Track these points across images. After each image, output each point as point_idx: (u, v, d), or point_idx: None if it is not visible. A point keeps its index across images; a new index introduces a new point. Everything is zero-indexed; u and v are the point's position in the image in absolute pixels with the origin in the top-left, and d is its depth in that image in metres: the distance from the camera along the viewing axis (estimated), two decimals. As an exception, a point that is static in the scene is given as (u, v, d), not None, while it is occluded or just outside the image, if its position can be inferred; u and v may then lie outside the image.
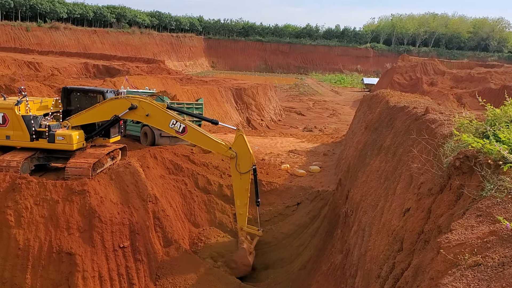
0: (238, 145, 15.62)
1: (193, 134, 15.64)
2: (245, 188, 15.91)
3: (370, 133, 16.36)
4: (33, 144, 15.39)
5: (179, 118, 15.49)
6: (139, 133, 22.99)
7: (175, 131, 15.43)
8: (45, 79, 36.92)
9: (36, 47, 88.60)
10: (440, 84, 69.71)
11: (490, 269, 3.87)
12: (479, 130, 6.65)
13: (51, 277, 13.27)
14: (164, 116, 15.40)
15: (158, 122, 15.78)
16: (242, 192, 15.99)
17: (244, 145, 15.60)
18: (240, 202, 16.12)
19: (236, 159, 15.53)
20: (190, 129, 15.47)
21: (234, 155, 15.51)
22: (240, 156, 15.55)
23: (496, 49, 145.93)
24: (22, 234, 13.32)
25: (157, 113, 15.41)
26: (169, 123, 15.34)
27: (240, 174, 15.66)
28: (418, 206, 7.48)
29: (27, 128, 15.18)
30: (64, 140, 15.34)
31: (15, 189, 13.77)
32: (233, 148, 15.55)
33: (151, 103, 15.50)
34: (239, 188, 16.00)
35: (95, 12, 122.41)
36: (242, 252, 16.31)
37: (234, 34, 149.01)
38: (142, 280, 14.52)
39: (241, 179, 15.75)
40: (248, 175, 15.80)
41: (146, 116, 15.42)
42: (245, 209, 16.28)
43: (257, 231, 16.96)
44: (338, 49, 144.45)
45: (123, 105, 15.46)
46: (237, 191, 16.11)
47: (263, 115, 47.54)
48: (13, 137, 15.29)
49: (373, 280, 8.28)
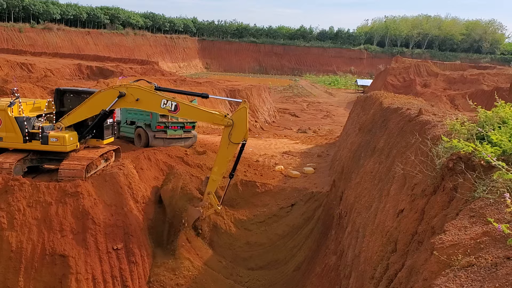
0: (239, 115, 15.40)
1: (186, 110, 15.54)
2: (228, 158, 15.79)
3: (364, 135, 16.41)
4: (26, 145, 15.27)
5: (169, 97, 15.35)
6: (133, 135, 22.92)
7: (167, 110, 15.27)
8: (38, 81, 36.74)
9: (29, 48, 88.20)
10: (433, 86, 70.09)
11: (483, 269, 3.89)
12: (471, 131, 6.69)
13: (44, 279, 13.19)
14: (154, 98, 15.24)
15: (149, 105, 15.61)
16: (223, 162, 15.82)
17: (243, 117, 15.37)
18: (218, 170, 15.92)
19: (231, 128, 15.26)
20: (182, 105, 15.29)
21: (230, 123, 15.23)
22: (236, 126, 15.25)
23: (488, 51, 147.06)
24: (15, 236, 13.23)
25: (147, 96, 15.25)
26: (160, 104, 15.15)
27: (229, 144, 15.42)
28: (411, 207, 7.52)
29: (20, 129, 15.05)
30: (58, 141, 15.22)
31: (8, 191, 13.68)
32: (232, 117, 15.36)
33: (139, 87, 15.31)
34: (222, 156, 15.80)
35: (89, 13, 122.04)
36: (196, 212, 16.12)
37: (228, 36, 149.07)
38: (136, 282, 14.46)
39: (228, 148, 15.54)
40: (235, 147, 15.64)
41: (136, 101, 15.17)
42: (219, 178, 16.10)
43: (217, 206, 16.59)
44: (332, 51, 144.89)
45: (112, 95, 15.24)
46: (219, 159, 15.92)
47: (257, 116, 47.53)
48: (5, 138, 15.16)
49: (367, 281, 8.31)
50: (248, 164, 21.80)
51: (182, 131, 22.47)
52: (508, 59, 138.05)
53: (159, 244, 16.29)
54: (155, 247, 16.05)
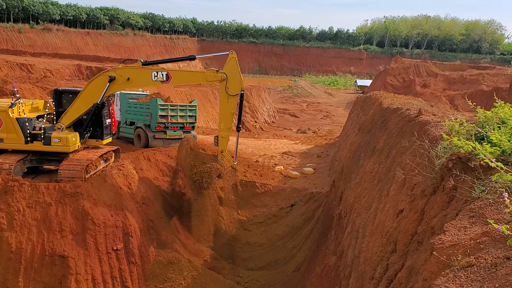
0: (230, 67, 15.86)
1: (179, 76, 15.89)
2: (231, 112, 16.19)
3: (364, 135, 16.41)
4: (27, 146, 15.23)
5: (158, 69, 15.58)
6: (133, 135, 22.93)
7: (160, 81, 15.47)
8: (38, 81, 36.69)
9: (29, 49, 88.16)
10: (433, 86, 70.09)
11: (483, 270, 3.89)
12: (470, 132, 6.69)
13: (44, 280, 13.17)
14: (144, 73, 15.46)
15: (141, 81, 15.91)
16: (227, 116, 16.27)
17: (235, 68, 15.87)
18: (224, 126, 16.38)
19: (226, 82, 15.62)
20: (173, 73, 15.56)
21: (224, 77, 15.68)
22: (230, 79, 15.70)
23: (488, 51, 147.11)
24: (15, 237, 13.21)
25: (136, 73, 15.44)
26: (152, 77, 15.38)
27: (228, 97, 15.81)
28: (411, 208, 7.52)
29: (21, 130, 15.00)
30: (61, 142, 15.21)
31: (7, 191, 13.66)
32: (224, 70, 15.75)
33: (126, 66, 15.49)
34: (225, 111, 16.23)
35: (88, 13, 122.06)
36: (215, 171, 16.69)
37: (227, 36, 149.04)
38: (135, 283, 14.45)
39: (228, 102, 15.93)
40: (235, 99, 15.99)
41: (128, 80, 15.30)
42: (228, 133, 16.59)
43: (233, 162, 17.36)
44: (332, 51, 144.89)
45: (103, 81, 15.33)
46: (222, 115, 16.36)
47: (256, 117, 47.53)
48: (6, 140, 15.10)
49: (367, 281, 8.31)
50: (247, 164, 21.80)
51: (181, 131, 22.47)
52: (507, 59, 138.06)
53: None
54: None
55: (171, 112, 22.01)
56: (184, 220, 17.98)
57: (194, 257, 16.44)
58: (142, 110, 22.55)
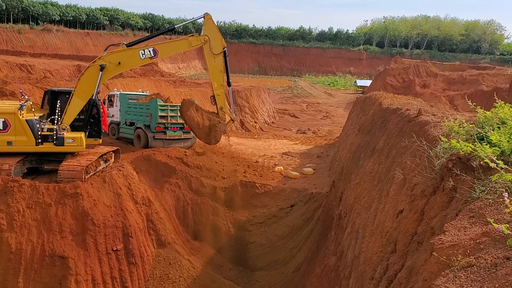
0: (209, 28, 16.94)
1: (164, 48, 16.71)
2: (220, 69, 17.25)
3: (363, 135, 16.41)
4: (38, 148, 15.00)
5: (143, 46, 16.06)
6: (132, 136, 22.93)
7: (149, 58, 16.11)
8: (38, 82, 36.63)
9: (28, 50, 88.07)
10: (433, 86, 70.06)
11: (483, 270, 3.89)
12: (470, 132, 6.69)
13: (43, 280, 13.17)
14: (131, 53, 15.90)
15: (131, 62, 16.29)
16: (217, 74, 17.31)
17: (214, 28, 17.11)
18: (217, 84, 17.35)
19: (209, 43, 16.72)
20: (158, 47, 16.35)
21: (207, 39, 16.70)
22: (212, 39, 16.81)
23: (488, 51, 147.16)
24: (14, 237, 13.20)
25: (124, 55, 15.84)
26: (140, 56, 15.90)
27: (214, 56, 16.92)
28: (411, 208, 7.52)
29: (32, 132, 14.75)
30: (74, 142, 15.20)
31: (7, 192, 13.65)
32: (205, 33, 16.78)
33: (112, 52, 15.80)
34: (214, 70, 17.23)
35: (88, 14, 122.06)
36: (222, 126, 17.62)
37: (227, 37, 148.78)
38: (135, 283, 14.45)
39: (215, 61, 17.04)
40: (221, 57, 17.07)
41: (119, 65, 15.72)
42: (222, 90, 17.61)
43: (232, 115, 18.61)
44: (331, 51, 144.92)
45: (95, 70, 15.44)
46: (213, 74, 17.30)
47: (256, 117, 47.52)
48: (15, 143, 14.76)
49: (367, 281, 8.31)
50: (247, 165, 21.81)
51: (181, 132, 22.47)
52: (507, 59, 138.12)
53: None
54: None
55: (171, 112, 22.01)
56: (184, 221, 18.00)
57: (194, 257, 16.46)
58: (142, 111, 22.54)
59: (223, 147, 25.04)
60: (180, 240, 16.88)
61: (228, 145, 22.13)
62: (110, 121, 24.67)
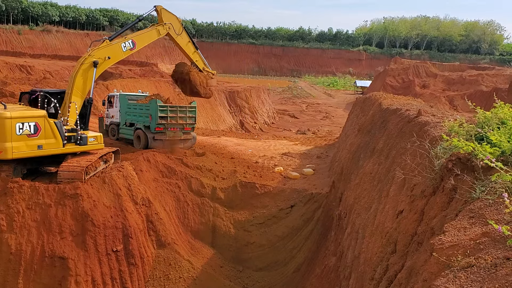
0: (165, 16, 19.36)
1: (140, 39, 18.40)
2: (187, 41, 20.71)
3: (363, 136, 16.41)
4: (65, 149, 15.21)
5: (123, 39, 17.40)
6: (132, 137, 22.93)
7: (129, 49, 17.53)
8: (37, 82, 36.69)
9: (28, 50, 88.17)
10: (432, 87, 70.15)
11: (483, 270, 3.89)
12: (470, 132, 6.69)
13: (43, 281, 13.16)
14: (115, 48, 17.00)
15: (117, 56, 17.32)
16: (187, 46, 20.75)
17: (169, 14, 19.53)
18: (191, 53, 21.08)
19: (172, 27, 19.41)
20: (135, 38, 18.00)
21: (170, 26, 19.35)
22: (173, 23, 19.54)
23: (487, 52, 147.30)
24: (14, 238, 13.20)
25: (110, 50, 16.81)
26: (122, 49, 17.25)
27: (177, 36, 19.91)
28: (411, 208, 7.52)
29: (59, 134, 14.86)
30: (95, 140, 15.94)
31: (7, 193, 13.65)
32: (165, 21, 19.22)
33: (99, 48, 16.59)
34: (183, 44, 20.48)
35: (88, 15, 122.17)
36: (213, 81, 22.01)
37: (227, 37, 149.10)
38: (135, 284, 14.45)
39: (182, 37, 20.25)
40: (184, 32, 20.34)
41: (108, 59, 16.73)
42: (197, 55, 21.42)
43: (211, 71, 22.38)
44: (331, 52, 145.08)
45: (89, 67, 16.06)
46: (184, 47, 20.59)
47: (256, 118, 47.55)
48: (45, 146, 14.71)
49: (367, 282, 8.30)
50: (247, 165, 21.81)
51: (181, 132, 22.47)
52: (507, 59, 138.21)
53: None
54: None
55: (171, 113, 22.00)
56: (184, 221, 17.99)
57: (194, 258, 16.46)
58: (142, 112, 22.53)
59: (223, 147, 25.05)
60: (180, 241, 16.87)
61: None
62: (110, 121, 24.71)
